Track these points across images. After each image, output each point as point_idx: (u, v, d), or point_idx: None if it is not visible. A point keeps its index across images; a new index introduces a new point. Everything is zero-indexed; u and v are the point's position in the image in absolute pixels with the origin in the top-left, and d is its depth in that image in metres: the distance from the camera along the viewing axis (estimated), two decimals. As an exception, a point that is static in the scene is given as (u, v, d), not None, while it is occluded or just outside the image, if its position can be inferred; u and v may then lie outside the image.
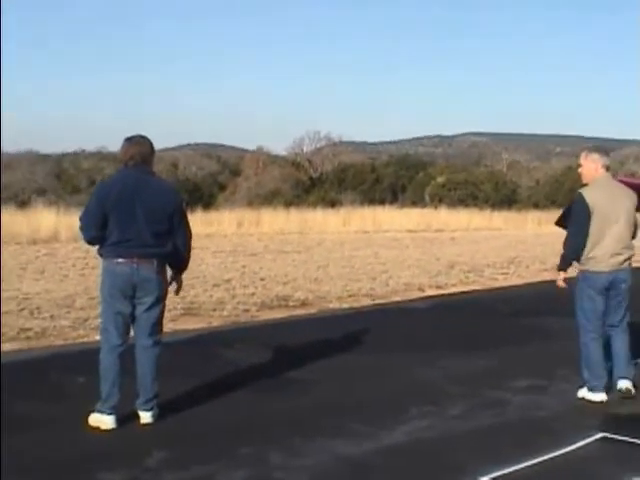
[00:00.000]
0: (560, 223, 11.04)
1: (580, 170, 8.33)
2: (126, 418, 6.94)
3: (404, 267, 20.33)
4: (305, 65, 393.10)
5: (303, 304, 14.36)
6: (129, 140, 7.08)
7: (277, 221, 35.78)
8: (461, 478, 5.91)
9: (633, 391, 8.18)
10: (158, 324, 7.17)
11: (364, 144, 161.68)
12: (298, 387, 8.52)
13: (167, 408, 7.27)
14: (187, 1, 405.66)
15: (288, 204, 49.93)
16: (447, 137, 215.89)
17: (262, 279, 17.41)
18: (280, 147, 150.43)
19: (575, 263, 8.22)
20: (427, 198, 69.71)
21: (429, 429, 7.08)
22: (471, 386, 8.59)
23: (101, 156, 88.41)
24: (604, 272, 7.98)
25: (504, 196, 70.64)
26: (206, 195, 73.26)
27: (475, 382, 8.77)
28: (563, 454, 6.35)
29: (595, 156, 8.16)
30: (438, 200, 64.29)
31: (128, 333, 7.06)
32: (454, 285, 17.45)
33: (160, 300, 7.09)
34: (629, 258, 8.16)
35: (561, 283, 8.24)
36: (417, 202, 67.15)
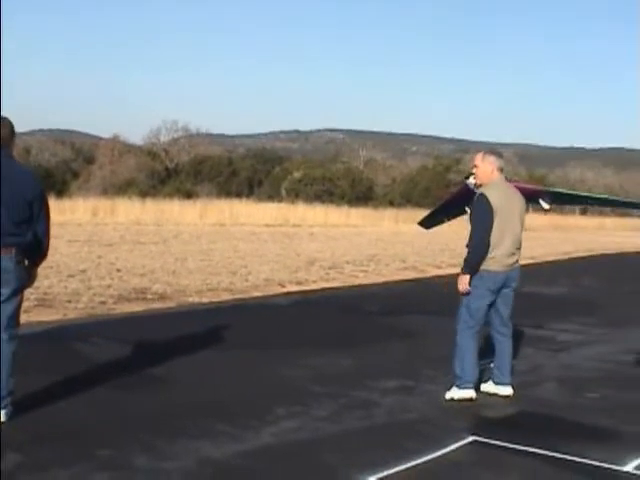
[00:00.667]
0: (423, 223, 11.04)
1: (475, 171, 8.37)
2: (-24, 417, 6.51)
3: (264, 262, 20.19)
4: (164, 56, 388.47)
5: (162, 297, 14.03)
6: None
7: (133, 211, 35.27)
8: (332, 483, 5.73)
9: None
10: (15, 317, 6.75)
11: (222, 136, 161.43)
12: (159, 384, 8.22)
13: (21, 406, 6.85)
14: None
15: (143, 194, 49.24)
16: (304, 132, 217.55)
17: (118, 270, 16.99)
18: (136, 136, 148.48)
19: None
20: (284, 192, 69.79)
21: (297, 431, 6.85)
22: (337, 386, 8.41)
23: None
24: (500, 272, 8.04)
25: (360, 193, 71.42)
26: (59, 182, 71.70)
27: (341, 382, 8.60)
28: (435, 458, 6.21)
29: (491, 158, 8.24)
30: (295, 195, 64.48)
31: None
32: (315, 282, 17.37)
33: (17, 292, 6.70)
34: (519, 258, 8.30)
35: (465, 287, 8.14)
36: (273, 196, 67.32)
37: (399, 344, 11.02)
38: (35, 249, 6.82)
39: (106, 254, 20.11)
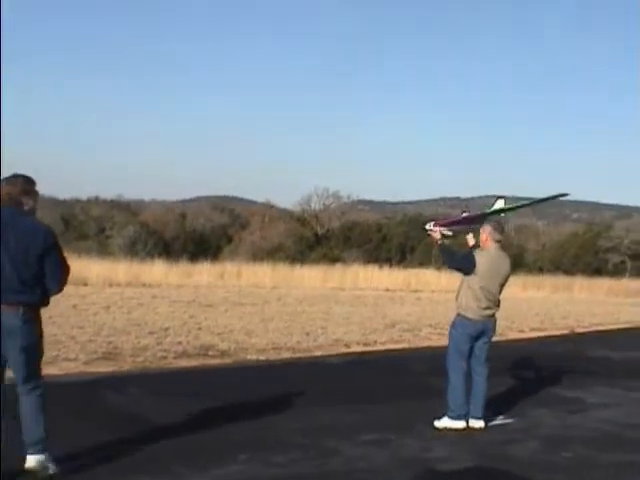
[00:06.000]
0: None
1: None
2: None
3: (344, 324, 20.56)
4: (328, 128, 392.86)
5: (222, 354, 14.63)
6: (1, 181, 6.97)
7: (256, 275, 36.03)
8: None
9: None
10: (30, 371, 6.91)
11: (384, 203, 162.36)
12: (150, 430, 8.77)
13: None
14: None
15: (290, 260, 49.93)
16: (465, 199, 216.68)
17: (199, 329, 17.69)
18: (289, 202, 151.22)
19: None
20: (433, 259, 69.78)
21: (240, 473, 7.35)
22: (317, 438, 8.82)
23: (114, 204, 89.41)
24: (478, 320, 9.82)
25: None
26: (213, 247, 73.84)
27: (325, 434, 8.99)
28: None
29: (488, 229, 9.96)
30: (442, 262, 64.19)
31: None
32: (382, 343, 17.72)
33: (26, 350, 6.81)
34: (495, 312, 10.01)
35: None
36: (425, 263, 67.20)
37: (417, 402, 11.25)
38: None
39: (199, 314, 20.87)
